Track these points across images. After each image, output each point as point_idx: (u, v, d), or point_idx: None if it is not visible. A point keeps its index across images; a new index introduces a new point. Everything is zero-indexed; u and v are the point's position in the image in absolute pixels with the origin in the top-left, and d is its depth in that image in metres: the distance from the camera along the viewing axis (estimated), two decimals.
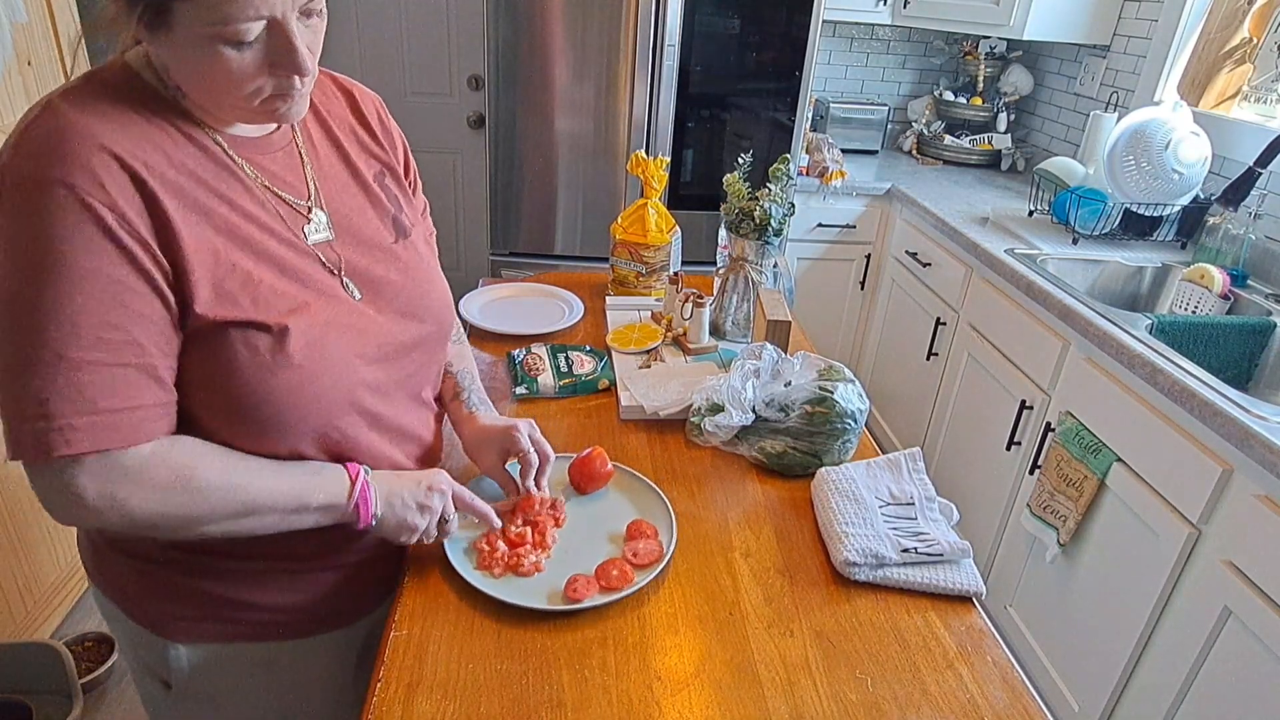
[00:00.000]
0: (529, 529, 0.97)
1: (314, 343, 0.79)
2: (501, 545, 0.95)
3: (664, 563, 0.95)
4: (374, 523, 0.86)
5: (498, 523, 0.97)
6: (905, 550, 0.99)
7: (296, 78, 0.73)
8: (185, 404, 0.77)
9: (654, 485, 1.08)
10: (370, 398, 0.87)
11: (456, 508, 0.93)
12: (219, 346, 0.74)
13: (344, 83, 0.96)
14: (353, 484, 0.84)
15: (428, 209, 1.05)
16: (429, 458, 1.01)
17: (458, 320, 1.19)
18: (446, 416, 1.09)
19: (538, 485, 1.02)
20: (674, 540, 0.99)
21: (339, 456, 0.86)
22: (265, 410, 0.77)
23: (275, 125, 0.84)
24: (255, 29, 0.68)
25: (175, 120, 0.75)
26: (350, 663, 1.03)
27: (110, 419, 0.69)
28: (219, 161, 0.77)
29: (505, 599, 0.89)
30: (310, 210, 0.85)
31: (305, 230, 0.84)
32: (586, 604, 0.89)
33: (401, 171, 0.99)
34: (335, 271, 0.85)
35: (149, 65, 0.76)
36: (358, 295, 0.86)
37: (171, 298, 0.72)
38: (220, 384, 0.75)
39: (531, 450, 1.01)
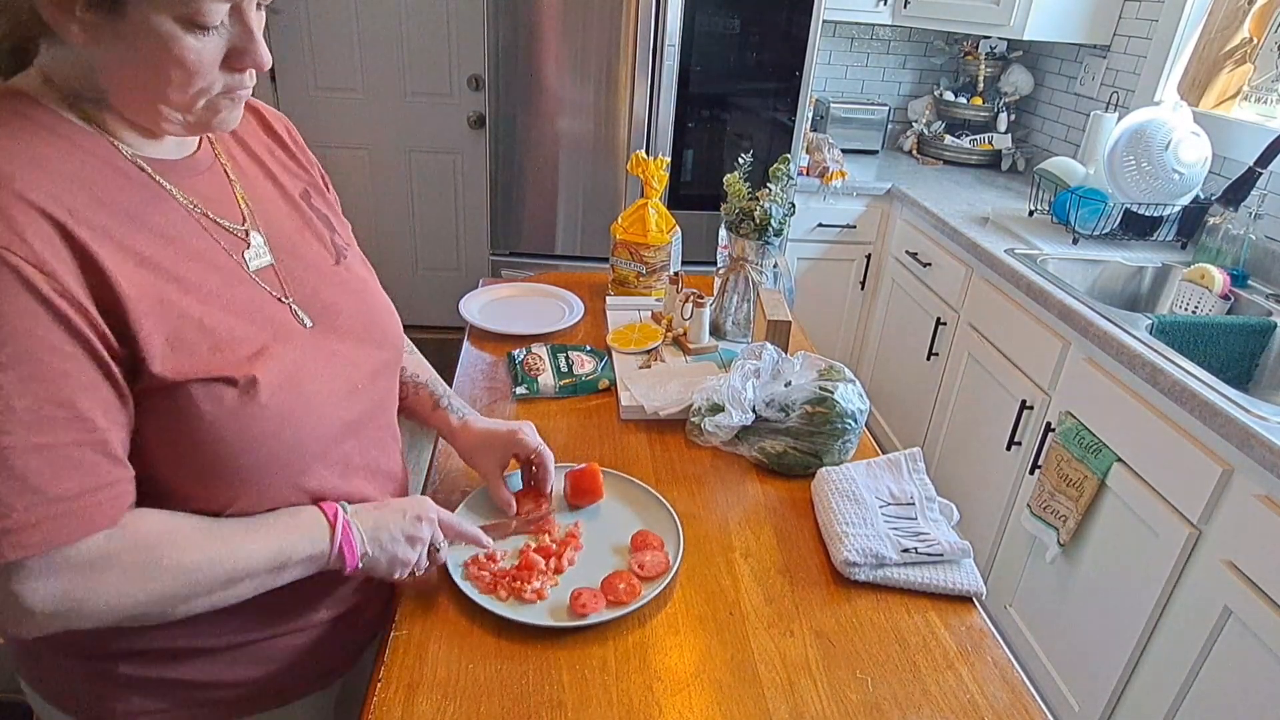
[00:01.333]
0: (542, 558, 0.94)
1: (285, 385, 0.73)
2: (499, 564, 0.93)
3: (671, 574, 0.94)
4: (361, 564, 0.80)
5: (490, 545, 0.94)
6: (905, 550, 0.99)
7: (250, 73, 0.69)
8: (146, 468, 0.69)
9: (658, 494, 1.06)
10: (346, 435, 0.82)
11: (445, 535, 0.88)
12: (181, 404, 0.67)
13: (250, 102, 0.87)
14: (332, 528, 0.77)
15: (350, 230, 0.97)
16: (401, 489, 0.96)
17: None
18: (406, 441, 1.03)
19: (543, 491, 1.02)
20: (680, 551, 0.97)
21: (315, 501, 0.81)
22: (241, 463, 0.71)
23: (194, 143, 0.77)
24: (221, 11, 0.64)
25: (91, 149, 0.67)
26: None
27: (63, 508, 0.61)
28: (149, 190, 0.70)
29: (512, 616, 0.87)
30: (248, 234, 0.78)
31: (246, 256, 0.76)
32: (592, 619, 0.87)
33: (325, 189, 0.94)
34: (283, 299, 0.78)
35: (46, 86, 0.66)
36: (308, 323, 0.79)
37: (113, 365, 0.63)
38: (185, 445, 0.68)
39: (543, 446, 1.00)
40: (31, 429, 0.59)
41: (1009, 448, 2.04)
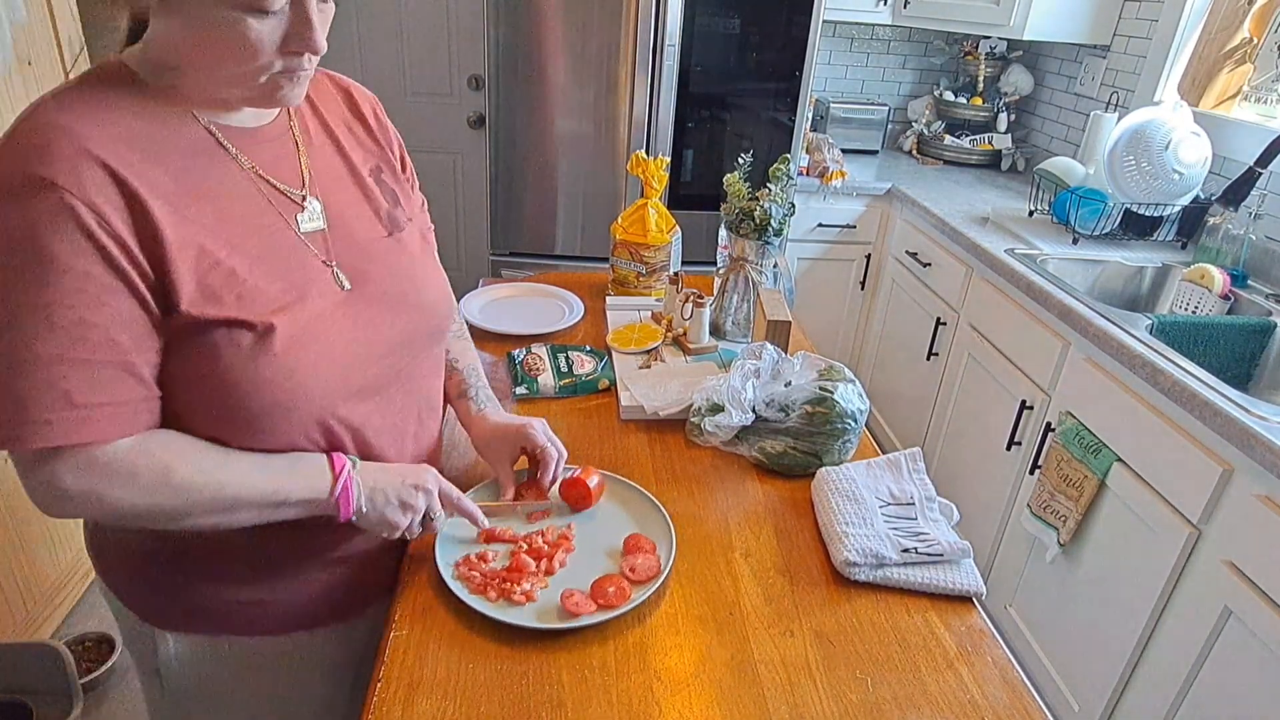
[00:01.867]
0: (533, 560, 0.94)
1: (299, 337, 0.78)
2: (490, 564, 0.94)
3: (661, 579, 0.93)
4: (354, 518, 0.85)
5: (485, 523, 0.96)
6: (905, 550, 0.99)
7: (307, 56, 0.75)
8: (173, 407, 0.77)
9: (652, 496, 1.05)
10: (362, 392, 0.86)
11: (443, 506, 0.91)
12: (203, 344, 0.74)
13: (341, 81, 0.98)
14: (335, 478, 0.83)
15: (425, 205, 1.05)
16: (427, 457, 1.00)
17: (461, 317, 1.19)
18: (446, 419, 1.08)
19: (544, 486, 1.03)
20: (673, 555, 0.96)
21: (329, 450, 0.85)
22: (250, 406, 0.77)
23: (273, 115, 0.85)
24: None
25: (168, 114, 0.76)
26: (344, 673, 1.02)
27: (87, 414, 0.70)
28: (210, 152, 0.78)
29: (500, 617, 0.87)
30: (304, 199, 0.85)
31: (299, 219, 0.84)
32: (583, 621, 0.87)
33: (398, 167, 1.00)
34: (326, 261, 0.85)
35: (144, 62, 0.76)
36: (347, 285, 0.85)
37: (150, 298, 0.72)
38: (206, 383, 0.75)
39: (549, 445, 1.01)
40: (67, 344, 0.68)
41: (1009, 448, 2.04)
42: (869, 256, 2.93)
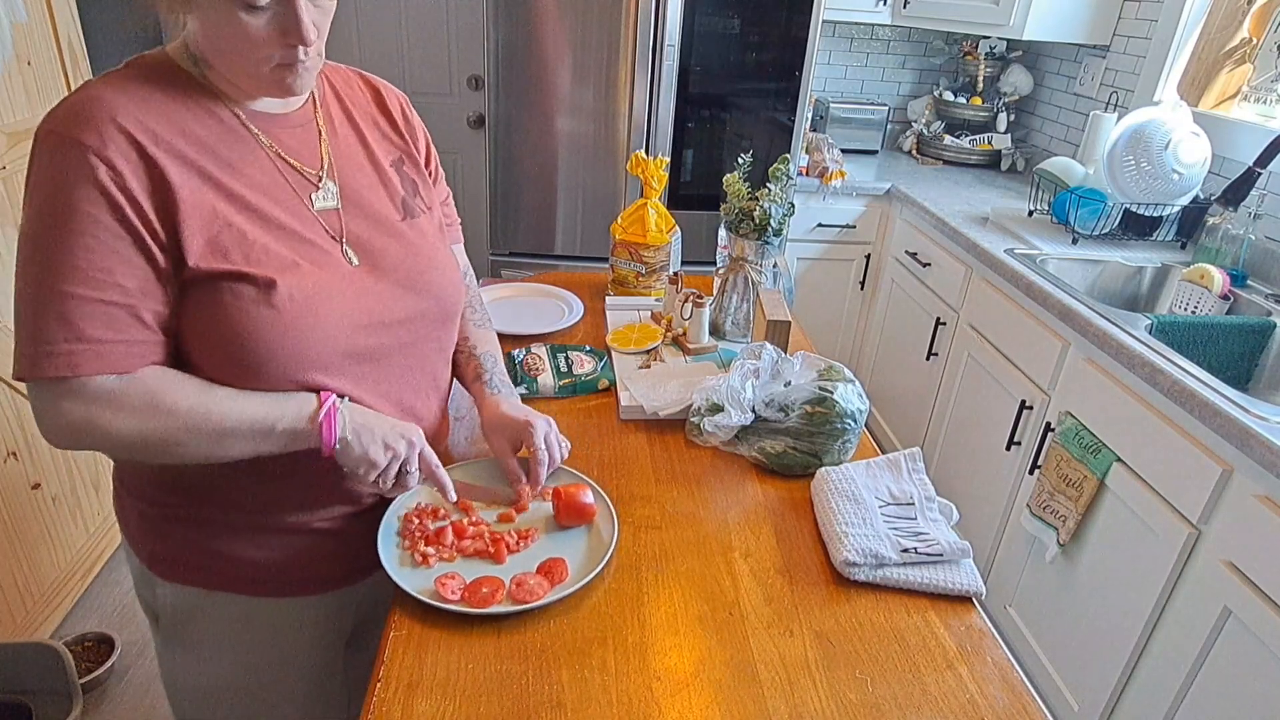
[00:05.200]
0: (488, 542, 0.96)
1: (299, 296, 0.84)
2: (436, 523, 0.97)
3: (608, 555, 0.95)
4: (337, 447, 0.87)
5: (454, 495, 0.98)
6: (905, 550, 0.99)
7: (300, 48, 0.80)
8: (186, 355, 0.84)
9: (594, 483, 1.06)
10: (360, 356, 0.90)
11: (420, 466, 0.94)
12: (210, 295, 0.81)
13: (372, 80, 1.06)
14: (320, 405, 0.86)
15: (451, 199, 1.12)
16: (429, 436, 1.00)
17: (484, 306, 1.23)
18: (452, 400, 1.12)
19: (531, 483, 1.03)
20: (616, 529, 0.99)
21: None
22: (248, 353, 0.82)
23: (298, 103, 0.92)
24: None
25: (200, 98, 0.84)
26: (336, 639, 1.06)
27: (95, 348, 0.77)
28: (234, 132, 0.86)
29: (428, 599, 0.88)
30: (320, 180, 0.91)
31: (313, 197, 0.90)
32: (541, 603, 0.88)
33: (422, 161, 1.06)
34: (337, 238, 0.91)
35: (186, 54, 0.84)
36: (355, 261, 0.91)
37: (158, 252, 0.79)
38: (212, 331, 0.82)
39: (543, 448, 1.02)
40: (82, 284, 0.76)
41: (1008, 448, 2.04)
42: (868, 256, 2.93)
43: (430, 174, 1.08)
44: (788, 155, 1.51)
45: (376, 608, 1.07)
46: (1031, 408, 1.97)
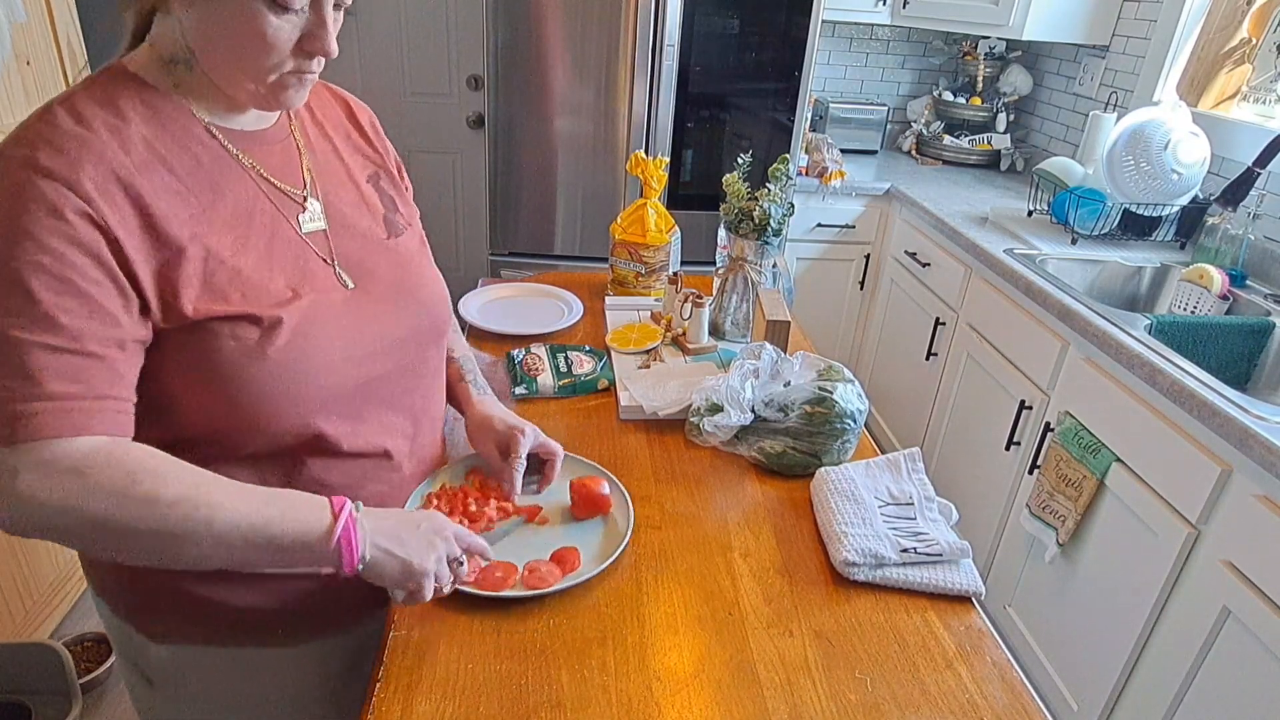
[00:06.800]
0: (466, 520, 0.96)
1: (304, 329, 0.79)
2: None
3: (623, 544, 0.96)
4: (361, 567, 0.77)
5: (492, 556, 0.91)
6: (904, 550, 0.99)
7: (316, 59, 0.77)
8: (169, 403, 0.76)
9: (611, 475, 1.07)
10: (364, 386, 0.86)
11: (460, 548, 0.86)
12: (207, 339, 0.75)
13: (339, 92, 1.01)
14: (335, 517, 0.75)
15: (418, 216, 1.05)
16: (429, 460, 1.00)
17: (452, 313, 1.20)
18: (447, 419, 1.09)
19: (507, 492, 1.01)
20: (631, 521, 0.99)
21: (324, 451, 0.85)
22: (253, 394, 0.77)
23: (273, 119, 0.87)
24: None
25: (172, 116, 0.77)
26: (335, 680, 1.00)
27: (55, 405, 0.67)
28: (214, 154, 0.79)
29: (482, 594, 0.88)
30: (305, 200, 0.87)
31: (300, 219, 0.85)
32: (553, 589, 0.89)
33: (396, 176, 1.02)
34: (329, 260, 0.86)
35: (156, 61, 0.77)
36: (350, 284, 0.87)
37: (134, 300, 0.71)
38: (208, 375, 0.75)
39: (524, 459, 1.00)
40: (46, 331, 0.67)
41: (1008, 448, 2.04)
42: (868, 256, 2.93)
43: (405, 189, 1.04)
44: (787, 155, 1.51)
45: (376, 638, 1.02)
46: (1031, 408, 1.97)
